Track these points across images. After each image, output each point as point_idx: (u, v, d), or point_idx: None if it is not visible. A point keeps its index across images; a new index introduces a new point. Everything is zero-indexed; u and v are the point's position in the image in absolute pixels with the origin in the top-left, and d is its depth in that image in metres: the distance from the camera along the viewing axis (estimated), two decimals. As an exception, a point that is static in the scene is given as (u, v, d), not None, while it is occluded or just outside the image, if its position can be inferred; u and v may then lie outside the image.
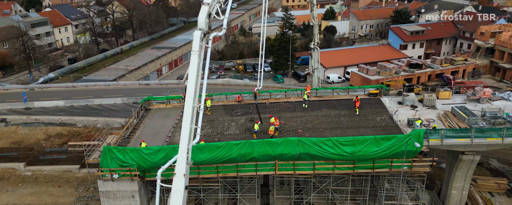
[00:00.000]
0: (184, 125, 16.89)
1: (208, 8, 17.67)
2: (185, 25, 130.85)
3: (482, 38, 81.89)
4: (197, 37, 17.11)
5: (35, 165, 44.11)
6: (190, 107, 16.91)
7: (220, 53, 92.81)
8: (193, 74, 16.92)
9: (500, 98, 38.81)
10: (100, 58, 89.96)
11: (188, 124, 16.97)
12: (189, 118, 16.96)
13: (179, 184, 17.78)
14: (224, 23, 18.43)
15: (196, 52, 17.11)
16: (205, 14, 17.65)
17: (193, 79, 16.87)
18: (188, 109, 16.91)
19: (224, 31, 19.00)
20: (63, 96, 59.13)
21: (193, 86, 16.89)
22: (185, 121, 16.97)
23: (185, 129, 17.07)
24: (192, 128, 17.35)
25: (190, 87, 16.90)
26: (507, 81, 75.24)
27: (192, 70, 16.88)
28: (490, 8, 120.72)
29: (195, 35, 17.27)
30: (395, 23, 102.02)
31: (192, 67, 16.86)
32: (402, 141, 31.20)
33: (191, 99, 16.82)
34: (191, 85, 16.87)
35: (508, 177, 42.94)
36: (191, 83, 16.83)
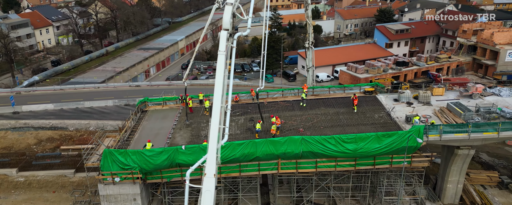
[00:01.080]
0: (212, 125, 16.81)
1: (232, 8, 17.62)
2: (170, 26, 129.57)
3: (464, 36, 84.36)
4: (223, 37, 17.07)
5: (27, 170, 42.92)
6: (218, 107, 16.85)
7: (208, 53, 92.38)
8: (220, 74, 16.85)
9: (491, 93, 40.10)
10: (85, 59, 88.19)
11: (216, 124, 16.91)
12: (217, 118, 16.90)
13: (210, 184, 17.69)
14: (249, 23, 18.44)
15: (223, 52, 17.09)
16: (230, 14, 17.61)
17: (220, 79, 16.81)
18: (216, 109, 16.85)
19: (248, 31, 19.01)
20: (52, 99, 57.72)
21: (220, 86, 16.83)
22: (214, 121, 16.90)
23: (214, 129, 16.99)
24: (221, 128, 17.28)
25: (218, 87, 16.84)
26: (489, 77, 77.63)
27: (219, 70, 16.82)
28: (469, 6, 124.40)
29: (221, 35, 17.23)
30: (379, 22, 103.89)
31: (219, 67, 16.79)
32: (403, 137, 31.90)
33: (218, 99, 16.77)
34: (218, 85, 16.81)
35: (498, 170, 44.38)
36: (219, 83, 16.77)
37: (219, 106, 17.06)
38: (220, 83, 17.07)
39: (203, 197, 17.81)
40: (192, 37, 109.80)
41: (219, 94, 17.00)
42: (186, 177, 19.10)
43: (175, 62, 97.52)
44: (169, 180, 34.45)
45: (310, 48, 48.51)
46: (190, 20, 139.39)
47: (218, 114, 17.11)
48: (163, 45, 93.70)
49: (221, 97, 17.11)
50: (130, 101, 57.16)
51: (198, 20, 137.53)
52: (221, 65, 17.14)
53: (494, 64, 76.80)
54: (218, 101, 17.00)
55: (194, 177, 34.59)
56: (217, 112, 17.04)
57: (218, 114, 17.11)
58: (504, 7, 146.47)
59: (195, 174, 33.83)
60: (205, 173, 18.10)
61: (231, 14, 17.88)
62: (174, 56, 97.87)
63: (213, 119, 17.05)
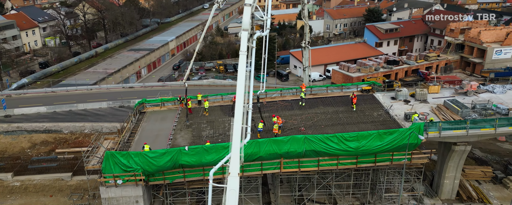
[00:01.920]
0: (235, 124, 16.84)
1: (251, 9, 17.69)
2: (159, 26, 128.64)
3: (452, 34, 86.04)
4: (244, 38, 17.12)
5: (23, 174, 42.07)
6: (241, 107, 16.89)
7: (200, 54, 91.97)
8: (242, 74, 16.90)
9: (485, 90, 41.09)
10: (74, 61, 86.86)
11: (239, 123, 16.94)
12: (239, 117, 16.93)
13: (234, 183, 17.71)
14: (267, 23, 18.51)
15: (244, 52, 17.16)
16: (249, 15, 17.67)
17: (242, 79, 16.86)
18: (238, 108, 16.88)
19: (267, 31, 19.07)
20: (44, 102, 56.68)
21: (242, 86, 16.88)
22: (236, 121, 16.94)
23: (236, 129, 17.03)
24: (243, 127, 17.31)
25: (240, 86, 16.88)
26: (477, 75, 79.40)
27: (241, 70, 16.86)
28: (455, 6, 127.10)
29: (243, 36, 17.28)
30: (368, 21, 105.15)
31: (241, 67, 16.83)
32: (404, 135, 32.43)
33: (241, 98, 16.81)
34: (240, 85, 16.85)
35: (491, 165, 45.46)
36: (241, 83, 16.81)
37: (241, 105, 17.10)
38: (242, 83, 17.11)
39: (227, 196, 17.83)
40: (183, 37, 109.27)
41: (241, 94, 17.04)
42: (209, 177, 19.02)
43: (166, 63, 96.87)
44: (171, 182, 34.28)
45: (306, 47, 48.92)
46: (178, 21, 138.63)
47: (241, 114, 17.14)
48: (154, 46, 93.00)
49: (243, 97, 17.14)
50: (125, 102, 56.56)
51: (187, 20, 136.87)
52: (243, 65, 17.21)
53: (482, 62, 78.58)
54: (240, 101, 17.04)
55: (192, 179, 34.73)
56: (239, 111, 17.07)
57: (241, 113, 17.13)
58: (487, 6, 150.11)
59: (195, 175, 34.18)
60: (229, 172, 18.09)
61: (250, 15, 17.91)
62: (165, 57, 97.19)
63: (236, 118, 17.10)
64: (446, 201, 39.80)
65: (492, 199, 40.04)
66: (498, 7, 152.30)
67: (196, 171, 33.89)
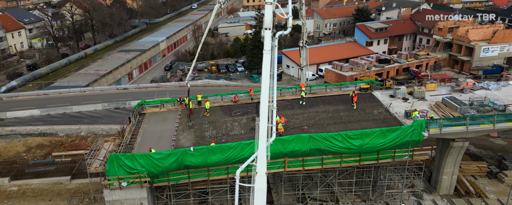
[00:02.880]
0: (261, 124, 16.85)
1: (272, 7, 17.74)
2: (148, 27, 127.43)
3: (440, 33, 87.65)
4: (268, 36, 17.17)
5: (20, 179, 41.21)
6: (266, 106, 16.93)
7: (191, 55, 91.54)
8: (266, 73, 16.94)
9: (480, 87, 42.08)
10: (63, 63, 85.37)
11: (265, 122, 16.97)
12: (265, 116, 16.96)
13: (262, 182, 17.73)
14: (289, 22, 18.58)
15: (268, 51, 17.19)
16: (271, 14, 17.73)
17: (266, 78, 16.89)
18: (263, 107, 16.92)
19: (289, 30, 19.15)
20: (37, 105, 55.60)
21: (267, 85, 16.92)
22: (262, 120, 16.96)
23: (262, 128, 17.06)
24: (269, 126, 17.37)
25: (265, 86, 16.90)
26: (465, 72, 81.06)
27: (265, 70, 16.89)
28: (440, 5, 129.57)
29: (266, 34, 17.31)
30: (357, 21, 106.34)
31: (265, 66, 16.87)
32: (406, 132, 32.99)
33: (266, 98, 16.85)
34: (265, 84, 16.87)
35: (486, 160, 46.57)
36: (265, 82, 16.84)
37: (267, 105, 17.14)
38: (266, 82, 17.15)
39: (256, 195, 17.84)
40: (173, 38, 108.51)
41: (266, 93, 17.08)
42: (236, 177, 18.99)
43: (157, 63, 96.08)
44: (176, 183, 34.10)
45: (304, 47, 49.32)
46: (167, 21, 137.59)
47: (266, 113, 17.18)
48: (145, 47, 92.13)
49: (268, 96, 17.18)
50: (120, 104, 55.93)
51: (176, 21, 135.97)
52: (267, 64, 17.24)
53: (470, 60, 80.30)
54: (265, 100, 17.08)
55: (197, 180, 34.65)
56: (265, 110, 17.11)
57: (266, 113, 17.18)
58: (471, 5, 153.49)
59: (199, 176, 34.07)
60: (257, 171, 18.11)
61: (272, 13, 17.98)
62: (156, 58, 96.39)
63: (262, 117, 17.13)
64: (444, 196, 40.61)
65: (489, 193, 41.02)
66: (482, 6, 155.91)
67: (201, 172, 33.82)
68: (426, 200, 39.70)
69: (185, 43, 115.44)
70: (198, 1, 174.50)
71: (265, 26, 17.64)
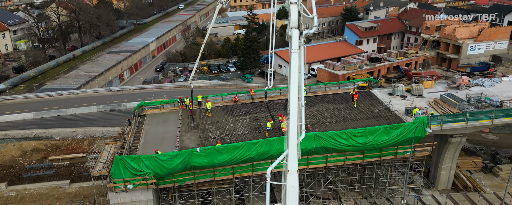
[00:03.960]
0: (291, 122, 16.92)
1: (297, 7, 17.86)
2: (136, 27, 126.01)
3: (428, 32, 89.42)
4: (296, 36, 17.27)
5: (18, 184, 40.25)
6: (295, 105, 17.03)
7: (183, 55, 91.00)
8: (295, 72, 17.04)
9: (475, 84, 43.18)
10: (52, 65, 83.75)
11: (295, 121, 17.07)
12: (295, 115, 17.06)
13: (294, 180, 17.81)
14: (315, 21, 18.72)
15: (296, 50, 17.29)
16: (297, 13, 17.83)
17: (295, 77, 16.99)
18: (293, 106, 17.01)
19: (315, 29, 19.29)
20: (29, 108, 54.41)
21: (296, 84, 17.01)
22: (292, 119, 17.04)
23: (292, 126, 17.14)
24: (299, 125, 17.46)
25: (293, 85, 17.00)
26: (453, 70, 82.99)
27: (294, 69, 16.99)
28: (426, 4, 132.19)
29: (294, 34, 17.40)
30: (345, 20, 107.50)
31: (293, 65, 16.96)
32: (409, 129, 33.62)
33: (295, 97, 16.95)
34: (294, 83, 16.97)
35: (480, 155, 47.79)
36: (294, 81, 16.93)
37: (296, 103, 17.25)
38: (295, 81, 17.25)
39: (288, 193, 17.91)
40: (162, 38, 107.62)
41: (295, 92, 17.19)
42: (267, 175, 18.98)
43: (147, 64, 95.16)
44: (181, 184, 33.92)
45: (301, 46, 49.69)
46: (155, 21, 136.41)
47: (296, 111, 17.30)
48: (135, 48, 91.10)
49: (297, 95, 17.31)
50: (115, 106, 55.22)
51: (164, 21, 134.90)
52: (295, 63, 17.34)
53: (457, 58, 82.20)
54: (295, 99, 17.19)
55: (203, 180, 34.54)
56: (294, 109, 17.22)
57: (296, 111, 17.30)
58: (454, 4, 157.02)
59: (205, 177, 33.97)
60: (288, 169, 18.18)
61: (297, 13, 18.10)
62: (146, 59, 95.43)
63: (291, 116, 17.22)
64: (443, 191, 41.51)
65: (485, 187, 42.14)
66: (464, 5, 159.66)
67: (206, 173, 33.72)
68: (425, 196, 40.52)
69: (174, 44, 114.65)
70: (185, 1, 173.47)
71: (291, 26, 17.76)
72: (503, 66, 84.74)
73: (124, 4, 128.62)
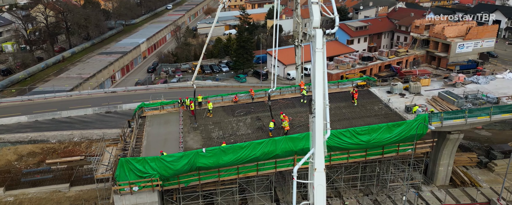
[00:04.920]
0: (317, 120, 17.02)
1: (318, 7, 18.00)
2: (125, 28, 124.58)
3: (417, 31, 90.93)
4: (320, 35, 17.40)
5: (16, 188, 39.42)
6: (321, 104, 17.16)
7: (175, 56, 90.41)
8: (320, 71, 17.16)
9: (470, 82, 44.12)
10: (41, 67, 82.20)
11: (321, 119, 17.19)
12: (321, 113, 17.18)
13: (321, 178, 17.91)
14: (336, 21, 18.86)
15: (321, 49, 17.41)
16: (319, 13, 17.97)
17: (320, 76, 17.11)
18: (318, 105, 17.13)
19: (336, 28, 19.43)
20: (22, 111, 53.28)
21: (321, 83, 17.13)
22: (318, 117, 17.13)
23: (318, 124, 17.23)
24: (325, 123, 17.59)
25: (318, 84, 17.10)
26: (442, 68, 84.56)
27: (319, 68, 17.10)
28: (413, 3, 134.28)
29: (318, 33, 17.52)
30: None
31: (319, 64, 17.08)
32: (411, 126, 34.17)
33: (321, 96, 17.07)
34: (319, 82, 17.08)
35: (475, 151, 48.86)
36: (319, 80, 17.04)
37: (322, 102, 17.39)
38: (320, 80, 17.38)
39: (316, 191, 18.01)
40: (153, 39, 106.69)
41: (320, 91, 17.32)
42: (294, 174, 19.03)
43: (138, 65, 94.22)
44: (186, 185, 33.77)
45: (299, 46, 49.94)
46: (144, 22, 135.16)
47: (322, 110, 17.44)
48: (126, 49, 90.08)
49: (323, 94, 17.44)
50: (111, 108, 54.55)
51: (153, 21, 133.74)
52: (320, 62, 17.48)
53: (446, 56, 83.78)
54: (320, 98, 17.32)
55: (207, 181, 34.44)
56: (320, 108, 17.36)
57: (322, 110, 17.43)
58: (439, 4, 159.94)
59: (210, 177, 33.89)
60: (315, 168, 18.29)
61: (319, 12, 18.24)
62: (137, 60, 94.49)
63: (317, 115, 17.32)
64: (441, 187, 42.31)
65: (481, 182, 43.11)
66: (449, 4, 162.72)
67: (211, 173, 33.64)
68: (425, 192, 41.23)
69: (165, 44, 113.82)
70: (173, 2, 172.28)
71: (314, 25, 17.93)
72: (490, 64, 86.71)
73: (112, 4, 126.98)
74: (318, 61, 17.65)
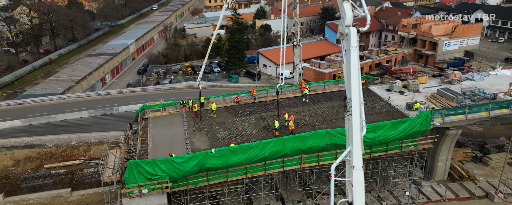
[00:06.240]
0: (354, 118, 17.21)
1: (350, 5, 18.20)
2: (111, 29, 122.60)
3: (405, 29, 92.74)
4: (354, 33, 17.60)
5: (15, 194, 38.41)
6: (358, 102, 17.36)
7: (165, 57, 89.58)
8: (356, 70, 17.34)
9: (465, 78, 45.35)
10: (28, 70, 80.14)
11: (358, 117, 17.41)
12: (357, 111, 17.38)
13: (360, 176, 18.09)
14: (368, 19, 19.08)
15: (356, 47, 17.58)
16: (351, 11, 18.17)
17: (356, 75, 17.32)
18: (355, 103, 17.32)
19: (368, 26, 19.65)
20: (15, 115, 51.90)
21: (357, 82, 17.33)
22: (355, 115, 17.34)
23: (355, 122, 17.43)
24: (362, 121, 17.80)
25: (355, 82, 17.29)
26: (430, 66, 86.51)
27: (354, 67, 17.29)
28: (397, 3, 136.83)
29: (352, 31, 17.71)
30: (323, 19, 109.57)
31: (354, 63, 17.26)
32: (415, 123, 34.91)
33: (357, 94, 17.27)
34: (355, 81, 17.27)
35: (469, 146, 50.22)
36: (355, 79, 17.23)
37: (358, 100, 17.61)
38: (356, 78, 17.60)
39: (355, 189, 18.19)
40: (142, 40, 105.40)
41: (357, 90, 17.53)
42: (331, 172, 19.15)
43: (128, 67, 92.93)
44: (194, 186, 33.61)
45: (298, 45, 50.25)
46: (130, 23, 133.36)
47: (358, 108, 17.66)
48: (115, 50, 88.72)
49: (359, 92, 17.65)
50: (107, 110, 53.72)
51: (139, 22, 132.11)
52: (356, 61, 17.68)
53: (434, 54, 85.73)
54: (357, 96, 17.53)
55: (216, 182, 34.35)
56: (357, 106, 17.57)
57: (358, 108, 17.65)
58: (422, 3, 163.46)
59: (218, 178, 33.83)
60: (353, 165, 18.48)
61: (351, 10, 18.45)
62: (126, 61, 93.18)
63: (354, 113, 17.53)
64: (440, 182, 43.35)
65: (478, 176, 44.37)
66: (431, 3, 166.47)
67: (219, 174, 33.58)
68: (425, 187, 42.16)
69: (153, 45, 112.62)
70: (158, 2, 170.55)
71: (347, 23, 18.14)
72: (475, 61, 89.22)
73: (98, 5, 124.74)
74: (354, 59, 17.90)
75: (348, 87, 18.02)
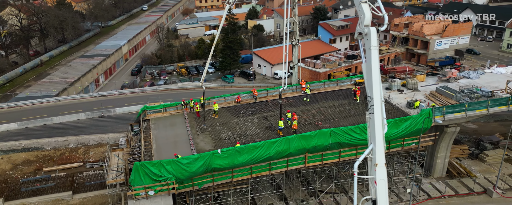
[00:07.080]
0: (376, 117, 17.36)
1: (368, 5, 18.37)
2: (102, 30, 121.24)
3: (397, 29, 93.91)
4: (374, 32, 17.77)
5: (15, 199, 37.72)
6: (379, 101, 17.55)
7: (159, 57, 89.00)
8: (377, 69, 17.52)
9: (462, 77, 46.14)
10: (19, 72, 78.81)
11: (380, 116, 17.58)
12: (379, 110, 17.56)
13: (383, 173, 18.24)
14: (385, 19, 19.26)
15: (376, 47, 17.75)
16: (369, 11, 18.34)
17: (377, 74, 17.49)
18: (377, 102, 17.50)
19: (386, 26, 19.83)
20: (10, 118, 50.97)
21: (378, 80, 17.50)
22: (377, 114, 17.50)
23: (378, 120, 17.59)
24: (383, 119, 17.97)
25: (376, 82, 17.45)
26: (422, 64, 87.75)
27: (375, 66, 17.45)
28: (387, 3, 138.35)
29: (372, 31, 17.88)
30: (315, 19, 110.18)
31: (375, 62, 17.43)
32: (417, 121, 35.39)
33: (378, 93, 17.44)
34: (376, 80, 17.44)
35: (465, 143, 51.11)
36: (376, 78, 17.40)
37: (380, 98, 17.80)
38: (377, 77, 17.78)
39: (378, 186, 18.33)
40: (134, 41, 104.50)
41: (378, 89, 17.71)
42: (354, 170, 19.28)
43: (121, 68, 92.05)
44: (200, 187, 33.52)
45: (296, 45, 50.51)
46: (120, 24, 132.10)
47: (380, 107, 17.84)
48: (108, 51, 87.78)
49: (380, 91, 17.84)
50: (105, 112, 53.15)
51: (130, 23, 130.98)
52: (376, 60, 17.85)
53: (425, 53, 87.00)
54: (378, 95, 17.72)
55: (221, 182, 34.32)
56: (378, 104, 17.76)
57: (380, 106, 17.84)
58: (410, 3, 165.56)
59: (224, 178, 33.80)
60: (376, 163, 18.65)
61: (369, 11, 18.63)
62: (119, 62, 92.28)
63: (376, 111, 17.70)
64: (439, 179, 44.03)
65: (475, 173, 45.20)
66: (419, 3, 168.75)
67: (225, 174, 33.56)
68: (425, 184, 42.77)
69: (145, 46, 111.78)
70: (148, 3, 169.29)
71: (366, 23, 18.33)
72: (466, 59, 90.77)
73: (88, 5, 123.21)
74: (374, 58, 18.10)
75: (369, 86, 18.27)
